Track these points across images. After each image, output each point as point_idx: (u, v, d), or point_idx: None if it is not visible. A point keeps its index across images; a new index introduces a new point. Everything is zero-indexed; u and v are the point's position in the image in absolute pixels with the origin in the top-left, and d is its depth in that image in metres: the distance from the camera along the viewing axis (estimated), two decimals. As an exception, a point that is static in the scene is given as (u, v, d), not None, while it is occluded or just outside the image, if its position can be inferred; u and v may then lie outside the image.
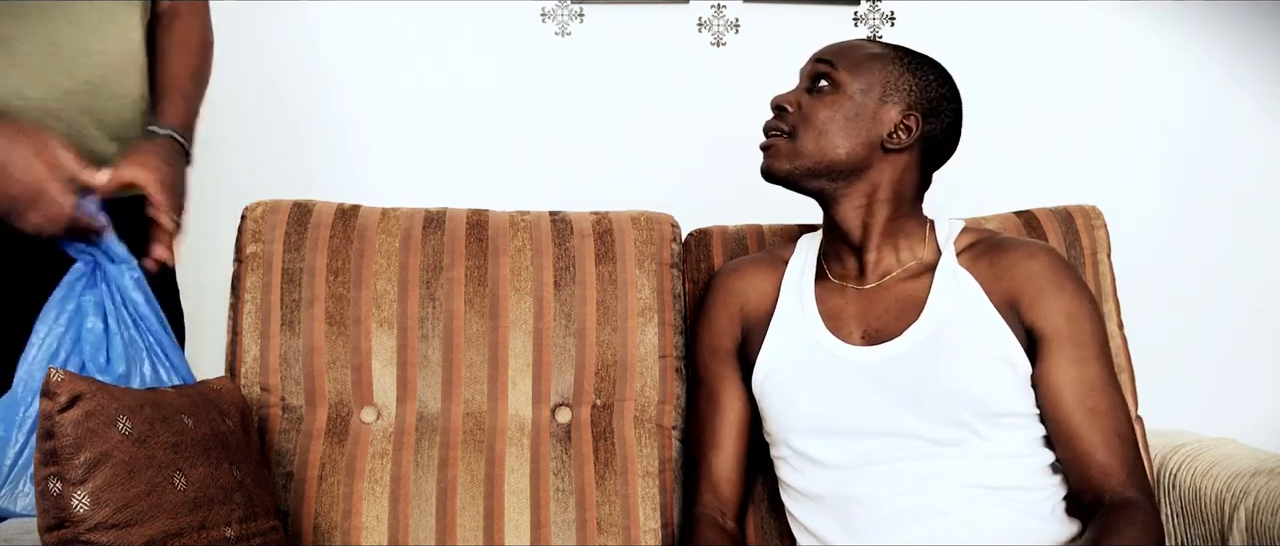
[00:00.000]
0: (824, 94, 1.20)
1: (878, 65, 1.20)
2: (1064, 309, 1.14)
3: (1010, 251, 1.19)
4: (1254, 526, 1.15)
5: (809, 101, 1.20)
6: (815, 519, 1.17)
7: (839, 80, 1.19)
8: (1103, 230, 1.43)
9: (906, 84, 1.20)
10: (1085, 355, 1.13)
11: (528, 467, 1.28)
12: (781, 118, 1.21)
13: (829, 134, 1.18)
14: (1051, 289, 1.15)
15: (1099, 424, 1.10)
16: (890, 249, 1.22)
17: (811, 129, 1.19)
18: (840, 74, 1.19)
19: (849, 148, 1.19)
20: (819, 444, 1.16)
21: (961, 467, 1.11)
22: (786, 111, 1.21)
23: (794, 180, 1.21)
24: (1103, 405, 1.11)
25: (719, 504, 1.22)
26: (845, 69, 1.20)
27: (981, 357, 1.13)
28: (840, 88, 1.19)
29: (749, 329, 1.26)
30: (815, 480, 1.16)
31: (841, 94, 1.19)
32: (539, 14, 1.87)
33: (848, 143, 1.19)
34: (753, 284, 1.28)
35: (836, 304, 1.22)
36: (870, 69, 1.20)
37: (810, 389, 1.18)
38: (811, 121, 1.19)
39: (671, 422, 1.34)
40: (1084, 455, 1.10)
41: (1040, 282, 1.15)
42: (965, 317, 1.15)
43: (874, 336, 1.18)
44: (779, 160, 1.20)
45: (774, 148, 1.21)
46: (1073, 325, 1.13)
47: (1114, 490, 1.08)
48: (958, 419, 1.12)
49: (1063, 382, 1.12)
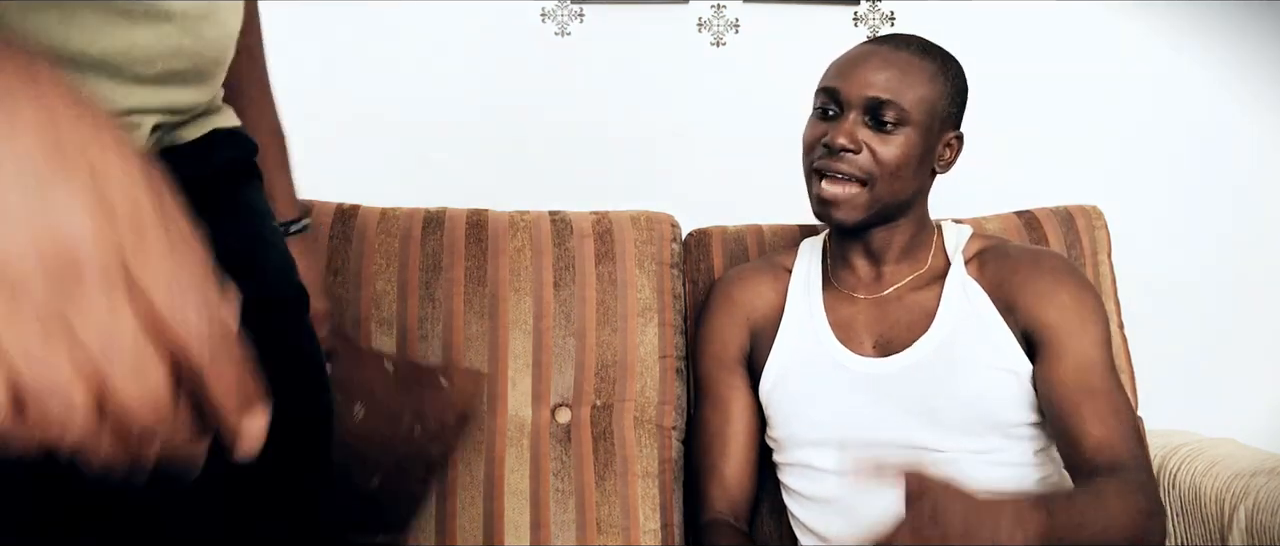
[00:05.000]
0: (894, 134, 1.12)
1: (932, 89, 1.13)
2: (1063, 303, 1.12)
3: (1015, 257, 1.18)
4: (1254, 526, 1.15)
5: (877, 142, 1.12)
6: (820, 520, 1.17)
7: (906, 115, 1.12)
8: (1103, 230, 1.43)
9: (955, 104, 1.16)
10: (1084, 344, 1.11)
11: (527, 468, 1.28)
12: (845, 160, 1.12)
13: (903, 178, 1.13)
14: (1053, 287, 1.13)
15: (1093, 400, 1.07)
16: (908, 260, 1.21)
17: (886, 173, 1.12)
18: (909, 110, 1.11)
19: (917, 185, 1.16)
20: (827, 453, 1.16)
21: (969, 474, 1.10)
22: (852, 152, 1.12)
23: (863, 226, 1.16)
24: (1100, 386, 1.08)
25: (732, 508, 1.22)
26: (912, 105, 1.12)
27: (991, 368, 1.13)
28: (907, 123, 1.12)
29: (756, 337, 1.26)
30: (822, 485, 1.16)
31: (911, 132, 1.12)
32: (539, 14, 1.87)
33: (917, 181, 1.16)
34: (758, 293, 1.27)
35: (846, 313, 1.21)
36: (927, 97, 1.13)
37: (820, 400, 1.17)
38: (885, 164, 1.11)
39: (671, 423, 1.33)
40: (1077, 431, 1.06)
41: (1042, 281, 1.14)
42: (974, 327, 1.15)
43: (885, 347, 1.17)
44: (855, 212, 1.13)
45: (848, 201, 1.13)
46: (1072, 318, 1.12)
47: (1104, 457, 1.04)
48: (968, 429, 1.11)
49: (1061, 369, 1.10)
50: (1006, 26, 1.87)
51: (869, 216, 1.14)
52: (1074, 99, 1.90)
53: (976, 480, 1.10)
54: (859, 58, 1.15)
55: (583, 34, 1.87)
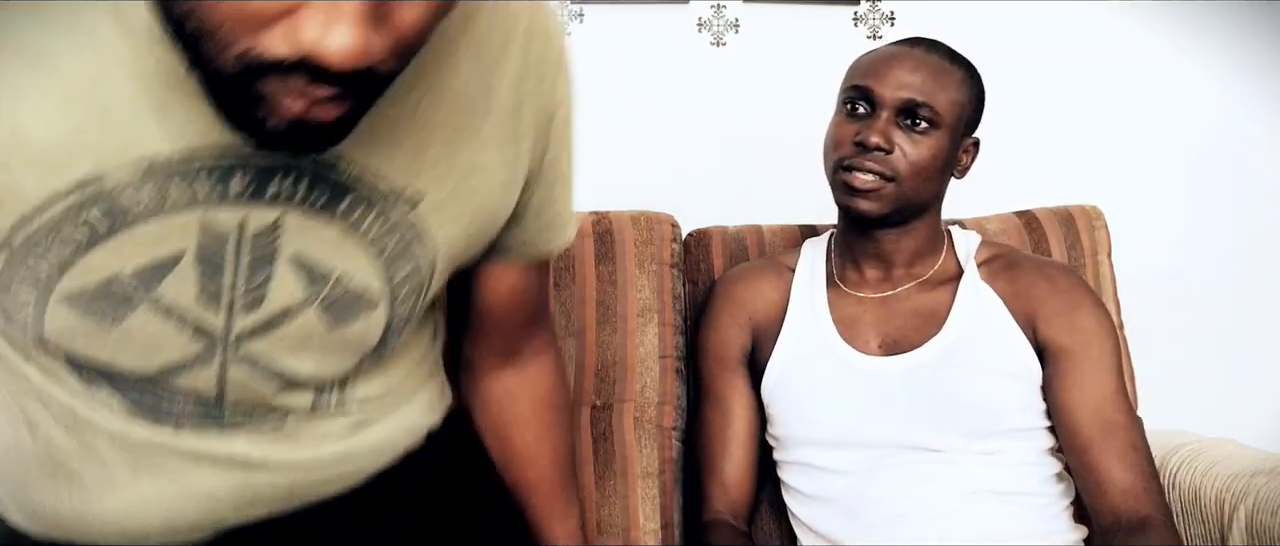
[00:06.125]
0: (926, 135, 1.13)
1: (961, 94, 1.15)
2: (1080, 325, 1.13)
3: (1030, 268, 1.19)
4: (1254, 526, 1.15)
5: (908, 143, 1.13)
6: (821, 518, 1.16)
7: (938, 117, 1.13)
8: (1103, 230, 1.43)
9: (978, 109, 1.18)
10: (1100, 371, 1.12)
11: (528, 468, 1.27)
12: (876, 158, 1.13)
13: (928, 180, 1.14)
14: (1069, 306, 1.14)
15: (1113, 437, 1.09)
16: (918, 265, 1.21)
17: (914, 173, 1.13)
18: (940, 110, 1.13)
19: (937, 188, 1.17)
20: (830, 452, 1.16)
21: (971, 473, 1.11)
22: (885, 151, 1.12)
23: (882, 222, 1.16)
24: (1117, 420, 1.10)
25: (732, 508, 1.22)
26: (945, 108, 1.13)
27: (1000, 374, 1.13)
28: (939, 125, 1.13)
29: (758, 336, 1.25)
30: (823, 484, 1.16)
31: (942, 135, 1.13)
32: (539, 14, 1.87)
33: (938, 184, 1.17)
34: (760, 291, 1.27)
35: (852, 312, 1.21)
36: (957, 101, 1.14)
37: (824, 398, 1.17)
38: (915, 164, 1.12)
39: (671, 423, 1.33)
40: (1098, 469, 1.08)
41: (1059, 300, 1.15)
42: (986, 331, 1.15)
43: (892, 346, 1.17)
44: (881, 204, 1.14)
45: (878, 193, 1.13)
46: (1089, 341, 1.12)
47: (1132, 509, 1.06)
48: (974, 431, 1.11)
49: (1078, 397, 1.11)
50: (1006, 26, 1.87)
51: (891, 212, 1.15)
52: (1074, 99, 1.90)
53: (979, 480, 1.10)
54: (892, 58, 1.15)
55: (583, 34, 1.87)
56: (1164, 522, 1.06)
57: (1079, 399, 1.11)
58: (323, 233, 0.67)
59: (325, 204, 0.66)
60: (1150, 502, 1.06)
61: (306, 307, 0.69)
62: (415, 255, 0.71)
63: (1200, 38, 1.90)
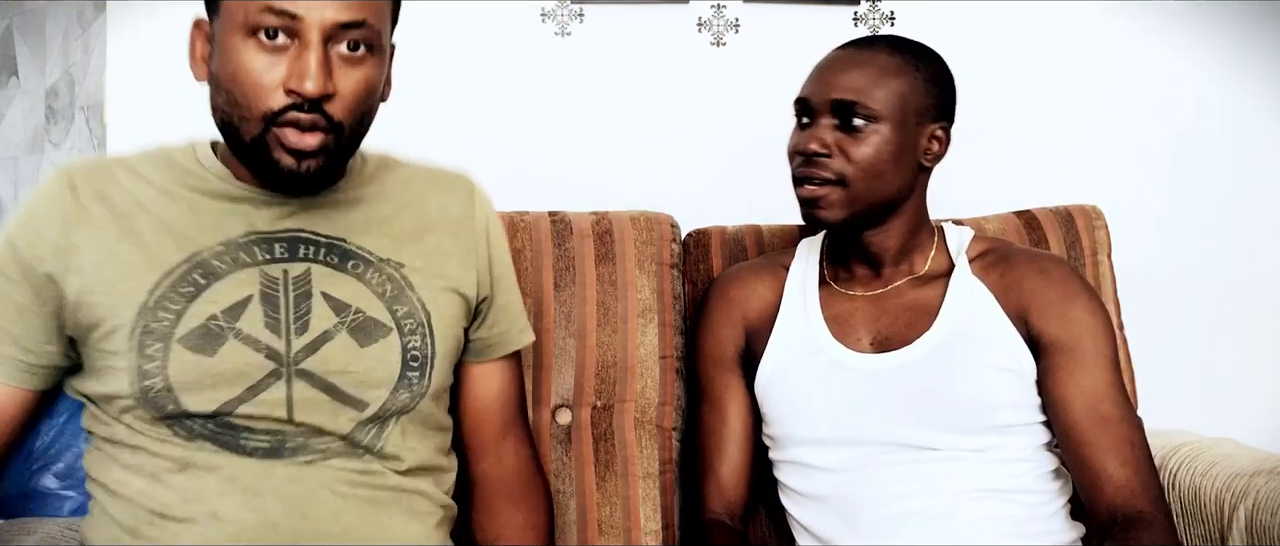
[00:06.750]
0: (863, 132, 1.13)
1: (902, 84, 1.14)
2: (1075, 319, 1.12)
3: (1024, 262, 1.18)
4: (1254, 526, 1.15)
5: (848, 142, 1.13)
6: (817, 519, 1.16)
7: (874, 113, 1.12)
8: (1103, 230, 1.43)
9: (932, 96, 1.16)
10: (1095, 365, 1.11)
11: (528, 468, 1.27)
12: (819, 164, 1.14)
13: (881, 174, 1.13)
14: (1063, 299, 1.14)
15: (1109, 431, 1.08)
16: (907, 261, 1.21)
17: (862, 172, 1.13)
18: (874, 106, 1.12)
19: (900, 182, 1.16)
20: (824, 450, 1.15)
21: (967, 471, 1.10)
22: (824, 157, 1.14)
23: (849, 225, 1.17)
24: (1114, 414, 1.09)
25: (728, 508, 1.21)
26: (878, 102, 1.13)
27: (993, 368, 1.12)
28: (877, 120, 1.13)
29: (752, 335, 1.25)
30: (819, 483, 1.16)
31: (884, 129, 1.13)
32: (539, 14, 1.87)
33: (899, 177, 1.15)
34: (754, 291, 1.27)
35: (843, 310, 1.21)
36: (898, 93, 1.13)
37: (816, 396, 1.17)
38: (859, 164, 1.13)
39: (672, 423, 1.33)
40: (1094, 465, 1.07)
41: (1053, 293, 1.14)
42: (978, 327, 1.14)
43: (884, 343, 1.17)
44: (833, 210, 1.14)
45: (825, 199, 1.14)
46: (1084, 335, 1.12)
47: (1128, 505, 1.05)
48: (967, 427, 1.11)
49: (1073, 391, 1.10)
50: (1006, 26, 1.87)
51: (852, 214, 1.15)
52: (1074, 99, 1.90)
53: (974, 478, 1.10)
54: (826, 64, 1.18)
55: (583, 34, 1.87)
56: (1161, 519, 1.05)
57: (1073, 393, 1.10)
58: (339, 279, 0.97)
59: (338, 263, 0.98)
60: (1147, 498, 1.06)
61: (339, 330, 0.96)
62: (409, 299, 0.99)
63: (1201, 39, 1.90)
